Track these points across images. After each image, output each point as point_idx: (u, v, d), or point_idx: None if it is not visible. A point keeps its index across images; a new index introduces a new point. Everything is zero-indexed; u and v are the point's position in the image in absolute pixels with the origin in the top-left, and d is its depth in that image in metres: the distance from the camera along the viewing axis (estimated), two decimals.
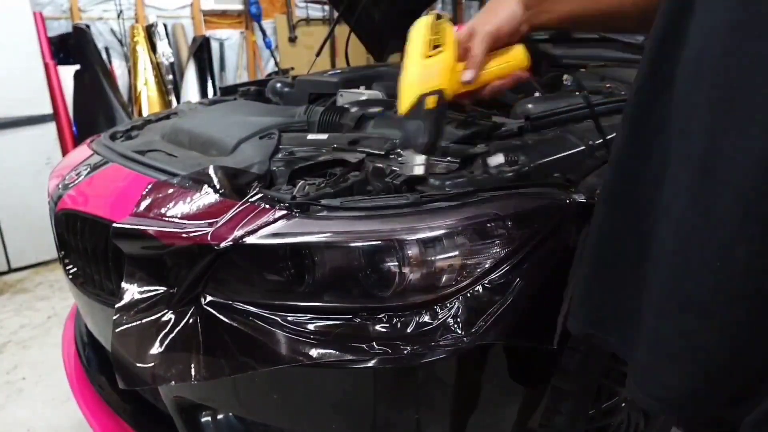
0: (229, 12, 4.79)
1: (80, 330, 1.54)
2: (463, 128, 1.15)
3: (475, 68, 0.86)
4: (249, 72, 4.96)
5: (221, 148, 1.21)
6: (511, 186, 0.93)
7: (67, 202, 1.25)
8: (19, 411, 1.99)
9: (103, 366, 1.39)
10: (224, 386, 0.96)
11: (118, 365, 0.94)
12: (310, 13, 5.26)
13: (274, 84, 1.73)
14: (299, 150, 1.17)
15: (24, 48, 3.03)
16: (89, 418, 1.30)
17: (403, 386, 0.90)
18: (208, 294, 0.92)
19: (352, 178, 1.00)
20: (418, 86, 0.80)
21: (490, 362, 0.93)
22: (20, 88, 3.03)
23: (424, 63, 0.81)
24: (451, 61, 0.84)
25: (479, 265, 0.87)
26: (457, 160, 0.99)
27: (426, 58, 0.82)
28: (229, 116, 1.42)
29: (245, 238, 0.87)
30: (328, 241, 0.86)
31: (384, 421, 0.92)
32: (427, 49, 0.82)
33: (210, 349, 0.89)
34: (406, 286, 0.85)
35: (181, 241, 0.91)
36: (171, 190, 1.03)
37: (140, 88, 4.04)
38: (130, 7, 4.17)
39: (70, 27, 3.83)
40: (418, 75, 0.81)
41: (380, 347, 0.84)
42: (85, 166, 1.34)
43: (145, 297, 0.95)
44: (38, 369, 2.23)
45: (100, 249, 1.15)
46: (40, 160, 3.11)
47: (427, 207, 0.88)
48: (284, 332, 0.87)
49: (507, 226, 0.88)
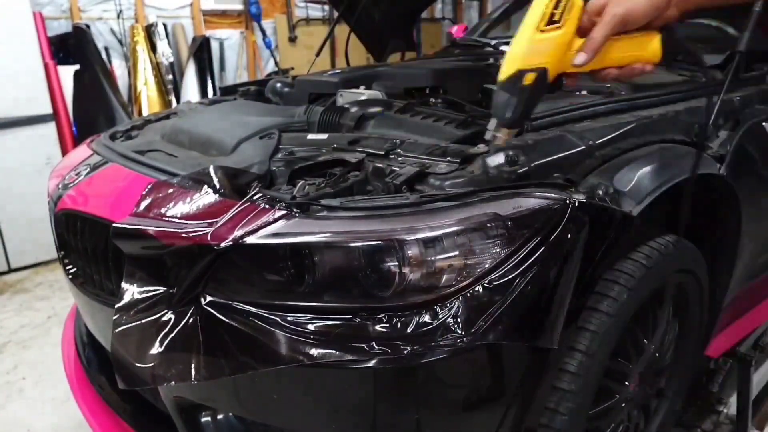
0: (229, 12, 4.79)
1: (80, 330, 1.54)
2: (463, 128, 1.15)
3: (591, 53, 0.80)
4: (249, 72, 4.96)
5: (221, 148, 1.21)
6: (511, 186, 0.93)
7: (67, 202, 1.25)
8: (19, 411, 1.99)
9: (103, 366, 1.39)
10: (224, 386, 0.96)
11: (118, 365, 0.94)
12: (310, 13, 5.26)
13: (274, 84, 1.73)
14: (299, 150, 1.17)
15: (24, 48, 3.03)
16: (89, 418, 1.30)
17: (403, 386, 0.90)
18: (208, 294, 0.92)
19: (352, 178, 1.00)
20: (520, 60, 0.77)
21: (490, 362, 0.93)
22: (20, 88, 3.03)
23: (534, 37, 0.77)
24: (567, 39, 0.79)
25: (479, 265, 0.87)
26: (457, 160, 0.99)
27: (538, 31, 0.77)
28: (229, 116, 1.42)
29: (245, 238, 0.87)
30: (328, 241, 0.86)
31: (384, 421, 0.92)
32: (542, 22, 0.77)
33: (210, 349, 0.89)
34: (406, 286, 0.85)
35: (181, 241, 0.91)
36: (171, 190, 1.03)
37: (140, 88, 4.04)
38: (130, 7, 4.17)
39: (70, 27, 3.83)
40: (524, 48, 0.77)
41: (380, 347, 0.84)
42: (85, 166, 1.34)
43: (145, 297, 0.95)
44: (38, 369, 2.23)
45: (100, 249, 1.15)
46: (40, 160, 3.12)
47: (427, 207, 0.88)
48: (284, 332, 0.87)
49: (507, 226, 0.88)
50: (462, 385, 0.93)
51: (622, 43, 0.83)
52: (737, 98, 1.43)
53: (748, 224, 1.34)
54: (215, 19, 4.72)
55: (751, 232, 1.39)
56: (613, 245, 1.04)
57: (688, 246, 1.25)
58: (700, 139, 1.18)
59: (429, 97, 1.42)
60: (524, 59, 0.77)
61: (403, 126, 1.21)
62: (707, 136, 1.27)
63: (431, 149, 1.05)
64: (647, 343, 1.28)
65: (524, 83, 0.78)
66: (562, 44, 0.78)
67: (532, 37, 0.77)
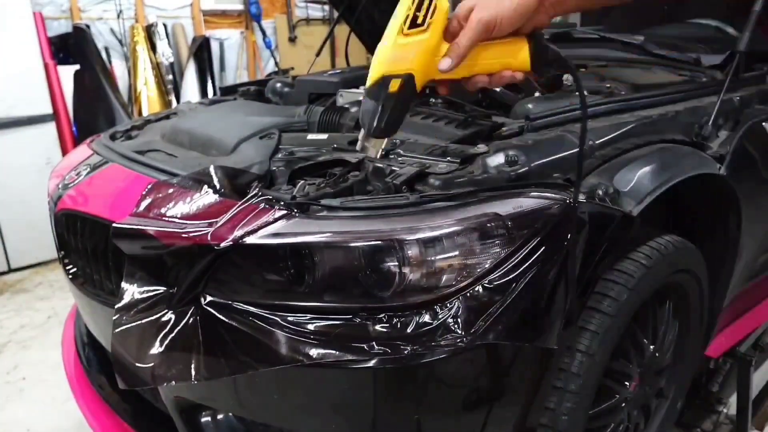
0: (229, 12, 4.78)
1: (80, 330, 1.54)
2: (463, 128, 1.15)
3: (456, 58, 0.77)
4: (249, 72, 4.96)
5: (221, 148, 1.21)
6: (511, 186, 0.93)
7: (67, 202, 1.25)
8: (19, 411, 1.99)
9: (103, 366, 1.39)
10: (224, 386, 0.96)
11: (118, 365, 0.94)
12: (310, 13, 5.26)
13: (274, 84, 1.73)
14: (299, 150, 1.17)
15: (24, 48, 3.03)
16: (89, 418, 1.30)
17: (403, 386, 0.90)
18: (208, 294, 0.92)
19: (352, 178, 1.00)
20: (385, 65, 0.73)
21: (490, 362, 0.93)
22: (20, 88, 3.03)
23: (398, 41, 0.73)
24: (433, 43, 0.75)
25: (479, 265, 0.87)
26: (457, 160, 0.99)
27: (402, 35, 0.73)
28: (229, 116, 1.42)
29: (245, 238, 0.87)
30: (328, 241, 0.86)
31: (384, 421, 0.92)
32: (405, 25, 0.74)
33: (210, 349, 0.89)
34: (406, 286, 0.85)
35: (181, 241, 0.91)
36: (171, 190, 1.03)
37: (140, 88, 4.04)
38: (130, 7, 4.17)
39: (70, 27, 3.82)
40: (388, 53, 0.73)
41: (380, 347, 0.84)
42: (85, 166, 1.34)
43: (145, 297, 0.95)
44: (38, 369, 2.23)
45: (100, 249, 1.15)
46: (40, 160, 3.11)
47: (427, 207, 0.88)
48: (284, 332, 0.87)
49: (507, 226, 0.88)
50: (462, 385, 0.93)
51: (490, 50, 0.79)
52: (737, 98, 1.43)
53: (748, 224, 1.34)
54: (215, 19, 4.72)
55: (751, 232, 1.39)
56: (614, 245, 1.04)
57: (688, 246, 1.25)
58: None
59: (429, 97, 1.42)
60: (389, 64, 0.73)
61: (403, 126, 1.20)
62: (707, 136, 1.27)
63: (431, 149, 1.05)
64: (647, 343, 1.29)
65: (390, 90, 0.73)
66: (427, 49, 0.74)
67: (396, 41, 0.73)
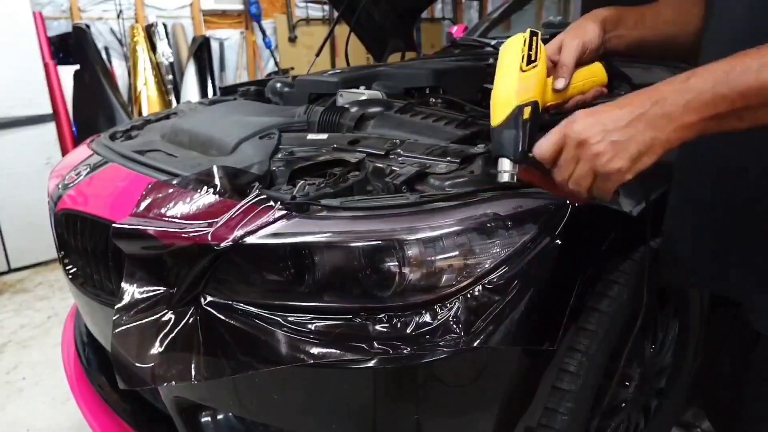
0: (229, 12, 4.79)
1: (80, 330, 1.54)
2: (463, 128, 1.15)
3: (567, 76, 0.91)
4: (249, 72, 4.96)
5: (221, 148, 1.21)
6: (511, 186, 0.93)
7: (67, 202, 1.25)
8: (19, 411, 1.99)
9: (103, 366, 1.39)
10: (224, 386, 0.96)
11: (118, 365, 0.94)
12: (310, 13, 5.26)
13: (274, 84, 1.73)
14: (299, 150, 1.17)
15: (24, 48, 3.03)
16: (89, 418, 1.30)
17: (403, 386, 0.90)
18: (208, 294, 0.92)
19: (352, 178, 1.00)
20: (515, 97, 0.83)
21: (490, 362, 0.93)
22: (20, 88, 3.03)
23: (521, 76, 0.86)
24: (544, 75, 0.89)
25: (479, 265, 0.87)
26: (457, 160, 0.99)
27: (522, 71, 0.86)
28: (229, 116, 1.42)
29: (245, 238, 0.87)
30: (328, 241, 0.86)
31: (384, 421, 0.92)
32: (523, 62, 0.87)
33: (210, 349, 0.89)
34: (406, 286, 0.85)
35: (181, 241, 0.91)
36: (171, 190, 1.03)
37: (140, 88, 4.04)
38: (130, 7, 4.17)
39: (69, 27, 3.83)
40: (516, 87, 0.84)
41: (380, 347, 0.84)
42: (85, 166, 1.34)
43: (145, 297, 0.95)
44: (38, 369, 2.23)
45: (100, 249, 1.15)
46: (40, 160, 3.12)
47: (427, 207, 0.88)
48: (284, 332, 0.87)
49: (507, 226, 0.88)
50: (462, 385, 0.93)
51: (581, 73, 0.95)
52: None
53: None
54: (215, 19, 4.72)
55: None
56: (614, 245, 1.04)
57: None
58: None
59: (429, 97, 1.42)
60: (518, 97, 0.84)
61: (403, 126, 1.21)
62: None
63: (431, 149, 1.05)
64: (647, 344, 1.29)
65: (525, 117, 0.83)
66: (542, 79, 0.88)
67: (519, 76, 0.86)
